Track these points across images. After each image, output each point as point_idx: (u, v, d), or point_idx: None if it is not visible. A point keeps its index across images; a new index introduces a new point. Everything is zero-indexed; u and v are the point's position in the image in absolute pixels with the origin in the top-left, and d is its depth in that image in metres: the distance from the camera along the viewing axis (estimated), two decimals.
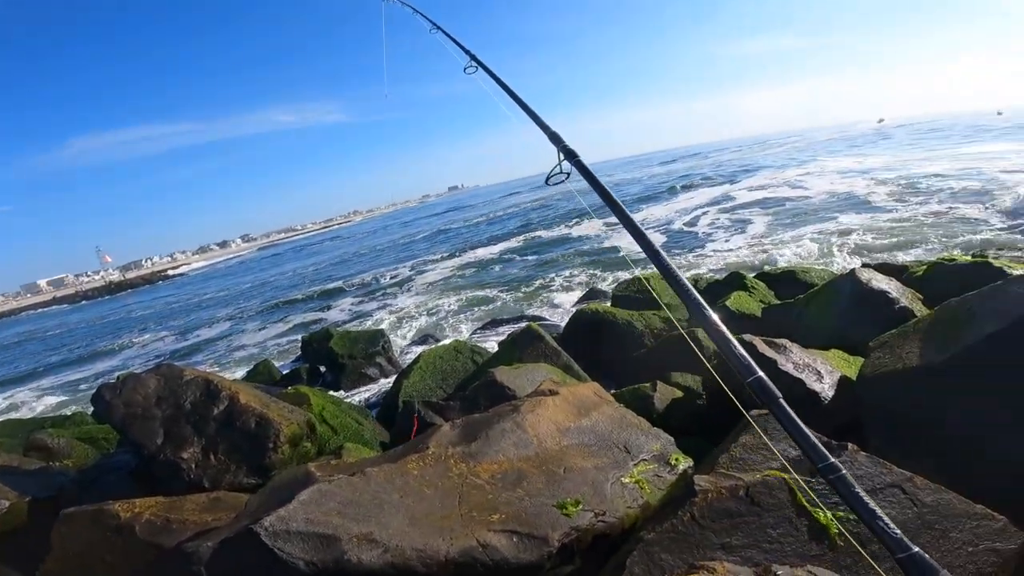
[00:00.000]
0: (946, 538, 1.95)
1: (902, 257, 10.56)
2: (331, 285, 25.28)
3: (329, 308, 19.36)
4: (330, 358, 8.92)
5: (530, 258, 20.19)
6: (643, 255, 1.60)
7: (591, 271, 15.55)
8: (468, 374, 6.74)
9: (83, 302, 65.36)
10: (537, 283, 15.48)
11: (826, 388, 3.98)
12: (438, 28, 3.36)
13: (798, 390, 3.97)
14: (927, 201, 15.82)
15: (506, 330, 10.16)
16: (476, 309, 13.76)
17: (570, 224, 26.51)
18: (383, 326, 13.20)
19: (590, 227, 24.52)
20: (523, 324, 7.98)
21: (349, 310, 18.13)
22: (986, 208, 13.49)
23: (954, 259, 6.15)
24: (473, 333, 10.78)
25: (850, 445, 2.20)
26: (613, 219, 1.72)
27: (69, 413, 8.90)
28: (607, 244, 18.42)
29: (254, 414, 4.15)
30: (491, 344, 8.65)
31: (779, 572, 1.67)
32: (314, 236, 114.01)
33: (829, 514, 1.97)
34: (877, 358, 3.63)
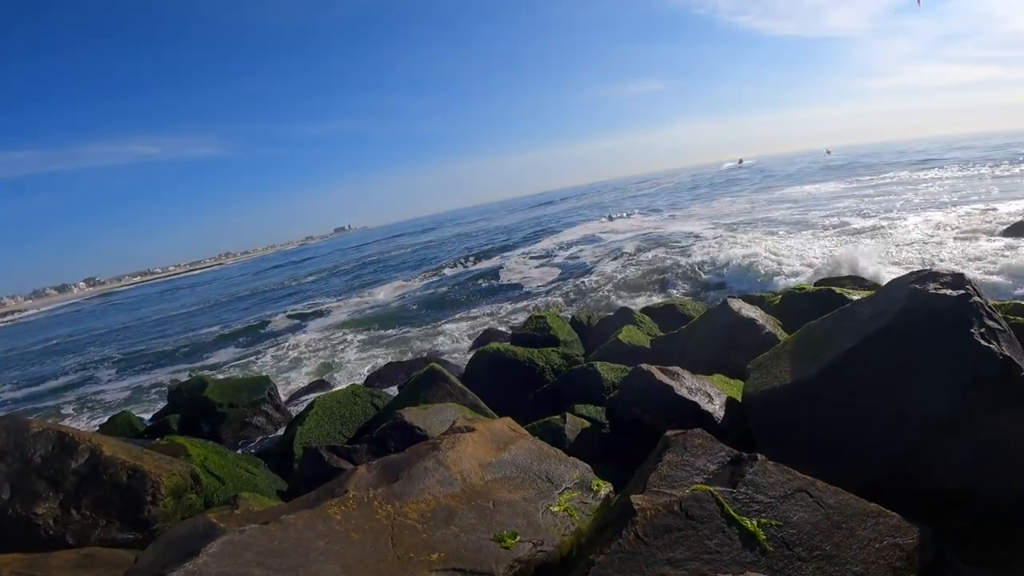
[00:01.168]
0: (854, 536, 2.17)
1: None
2: (200, 331, 22.88)
3: (199, 356, 17.48)
4: (206, 408, 8.02)
5: (422, 297, 19.95)
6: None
7: (487, 308, 15.73)
8: (369, 418, 6.43)
9: None
10: (433, 323, 15.30)
11: (717, 408, 4.36)
12: None
13: (693, 412, 4.32)
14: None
15: (402, 373, 9.88)
16: (370, 352, 13.23)
17: (465, 263, 26.73)
18: (265, 372, 12.18)
19: (488, 263, 24.95)
20: (422, 366, 7.84)
21: (224, 358, 16.50)
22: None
23: (803, 287, 7.13)
24: (369, 376, 10.33)
25: (760, 456, 2.43)
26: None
27: None
28: (504, 281, 18.80)
29: (124, 467, 3.63)
30: (390, 388, 8.34)
31: None
32: (177, 280, 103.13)
33: (754, 522, 2.14)
34: (756, 378, 4.05)
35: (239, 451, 6.40)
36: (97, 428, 8.91)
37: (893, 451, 2.90)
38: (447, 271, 25.34)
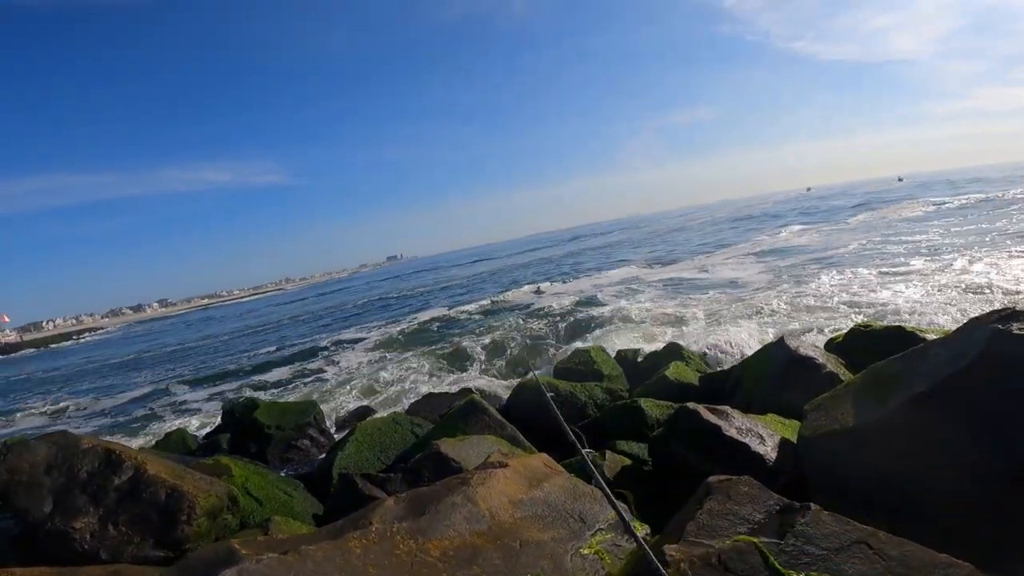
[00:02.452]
0: None
1: None
2: (259, 352, 23.85)
3: (255, 376, 18.14)
4: (254, 429, 8.23)
5: (468, 327, 20.03)
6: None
7: (532, 341, 15.59)
8: (408, 446, 6.39)
9: None
10: (476, 354, 15.28)
11: (769, 450, 4.07)
12: None
13: (743, 454, 4.03)
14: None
15: (444, 402, 9.85)
16: (414, 380, 13.31)
17: (506, 294, 26.75)
18: (314, 397, 12.44)
19: (525, 296, 24.86)
20: (464, 396, 7.78)
21: (278, 377, 17.08)
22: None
23: (869, 325, 6.65)
24: (411, 405, 10.36)
25: (813, 505, 2.20)
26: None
27: None
28: (549, 316, 18.59)
29: (164, 485, 3.71)
30: (431, 416, 8.30)
31: None
32: (242, 303, 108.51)
33: (803, 575, 1.92)
34: (814, 420, 3.75)
35: (282, 472, 6.46)
36: (154, 443, 9.29)
37: (969, 501, 2.58)
38: (490, 301, 25.36)
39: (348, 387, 13.61)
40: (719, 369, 8.04)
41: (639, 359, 9.59)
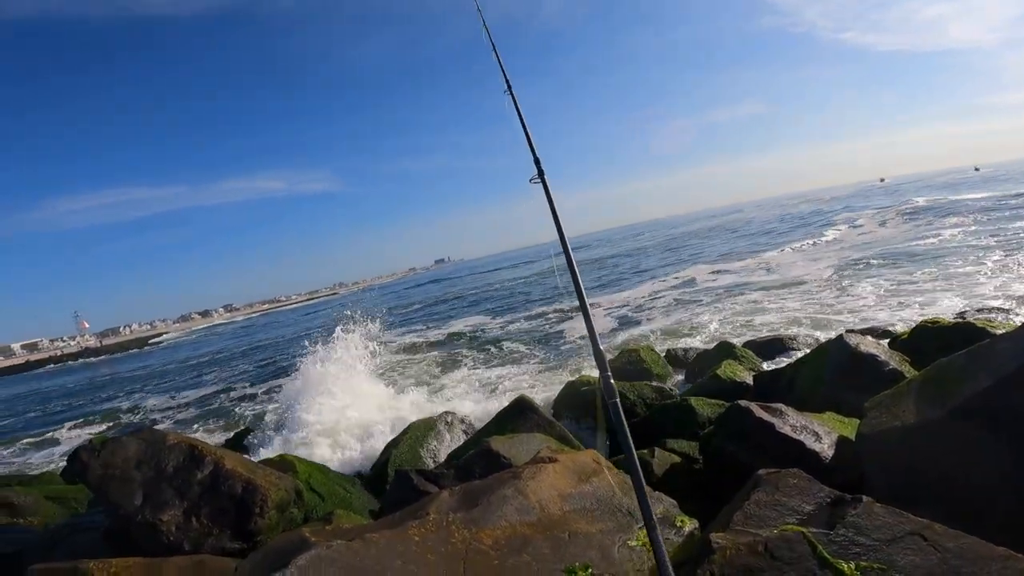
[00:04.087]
0: None
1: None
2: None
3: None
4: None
5: (518, 329, 20.18)
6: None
7: (581, 343, 15.56)
8: (459, 444, 6.58)
9: (69, 363, 62.98)
10: (525, 354, 15.40)
11: (825, 448, 3.97)
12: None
13: (796, 451, 3.96)
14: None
15: (493, 401, 10.01)
16: (465, 380, 13.56)
17: (550, 301, 26.72)
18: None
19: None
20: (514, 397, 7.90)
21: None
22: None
23: (937, 321, 6.33)
24: (460, 403, 10.58)
25: (865, 497, 2.18)
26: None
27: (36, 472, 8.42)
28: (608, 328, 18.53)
29: (240, 479, 3.99)
30: (482, 415, 8.47)
31: None
32: (300, 307, 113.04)
33: (852, 565, 1.92)
34: (874, 417, 3.65)
35: (342, 469, 6.78)
36: (224, 441, 9.89)
37: None
38: (543, 308, 25.37)
39: (399, 384, 14.02)
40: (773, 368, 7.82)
41: (688, 357, 9.45)
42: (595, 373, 9.27)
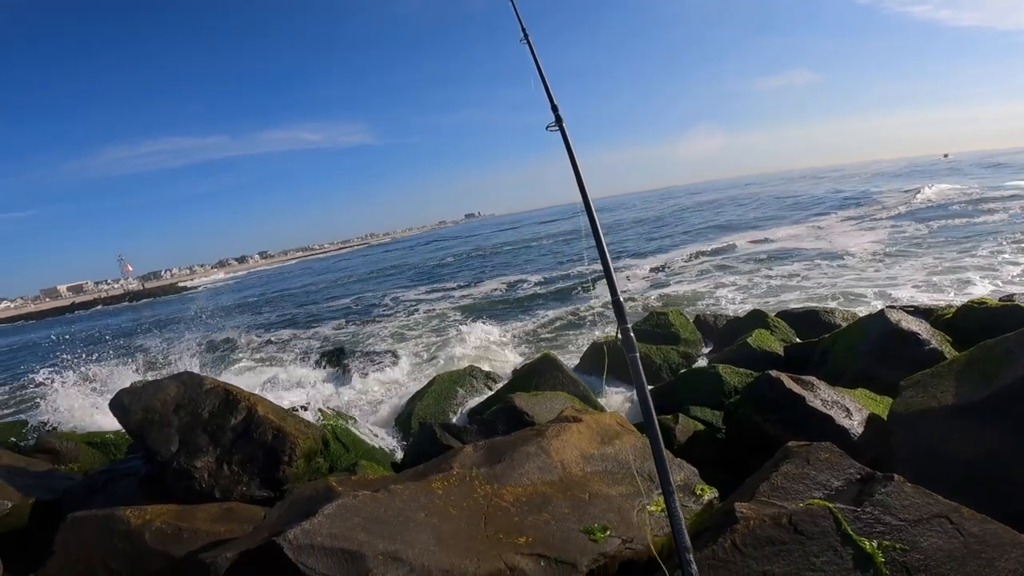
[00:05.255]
0: (992, 567, 1.88)
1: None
2: (346, 301, 25.62)
3: (346, 323, 19.50)
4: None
5: (546, 287, 20.17)
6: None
7: (605, 306, 15.48)
8: (483, 399, 6.68)
9: (102, 307, 65.83)
10: (553, 313, 15.42)
11: (855, 425, 3.89)
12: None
13: (825, 426, 3.88)
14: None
15: (520, 356, 10.12)
16: (490, 335, 13.71)
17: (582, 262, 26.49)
18: (398, 346, 13.18)
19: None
20: (539, 354, 7.95)
21: (365, 326, 18.23)
22: None
23: (984, 302, 6.05)
24: (488, 358, 10.73)
25: (896, 476, 2.13)
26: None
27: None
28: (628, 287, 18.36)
29: (271, 426, 4.12)
30: (506, 371, 8.57)
31: None
32: (333, 256, 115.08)
33: (874, 543, 1.90)
34: (910, 396, 3.55)
35: (367, 419, 6.98)
36: (257, 389, 10.29)
37: None
38: (574, 268, 25.18)
39: (428, 338, 14.27)
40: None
41: (719, 324, 9.29)
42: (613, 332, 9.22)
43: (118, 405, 4.33)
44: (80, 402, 7.98)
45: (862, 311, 8.64)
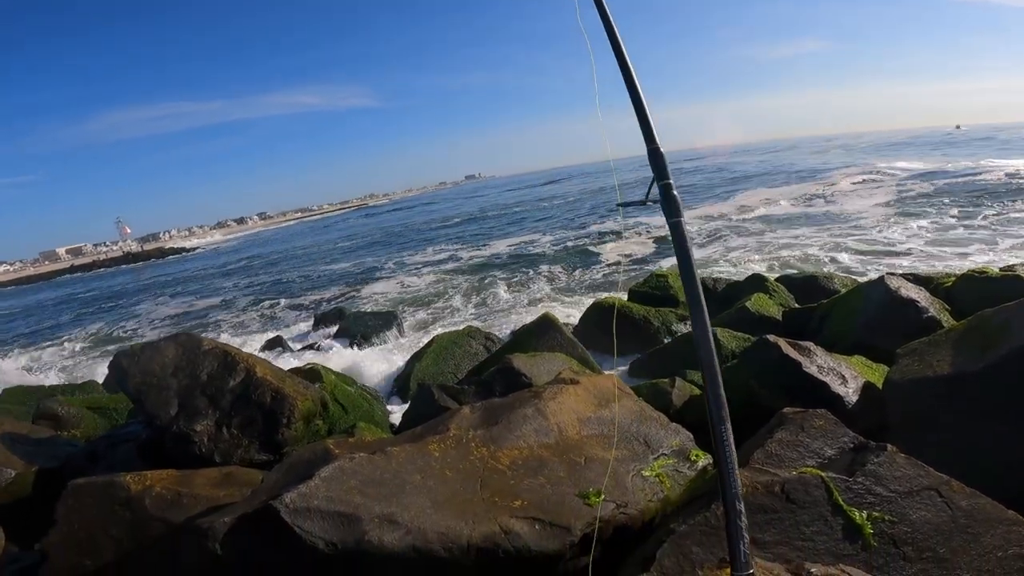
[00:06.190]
0: (977, 542, 1.92)
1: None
2: (346, 264, 25.58)
3: (346, 285, 19.56)
4: (343, 335, 8.99)
5: (546, 249, 20.12)
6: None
7: (609, 267, 15.46)
8: (481, 360, 6.72)
9: (101, 270, 65.75)
10: (552, 274, 15.42)
11: (850, 393, 3.92)
12: None
13: (820, 393, 3.91)
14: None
15: (519, 318, 10.15)
16: (490, 297, 13.74)
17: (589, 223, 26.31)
18: (398, 308, 13.22)
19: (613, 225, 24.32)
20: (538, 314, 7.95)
21: (365, 287, 18.30)
22: None
23: (985, 271, 6.01)
24: (487, 319, 10.77)
25: (889, 446, 2.15)
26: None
27: (80, 382, 8.90)
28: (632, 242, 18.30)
29: (270, 388, 4.14)
30: (505, 331, 8.62)
31: (813, 570, 1.63)
32: (331, 216, 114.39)
33: (864, 514, 1.94)
34: (906, 364, 3.55)
35: (367, 380, 7.04)
36: (258, 350, 10.36)
37: None
38: (591, 228, 24.94)
39: (427, 300, 14.31)
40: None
41: (718, 287, 9.27)
42: (622, 296, 9.25)
43: (117, 368, 4.31)
44: None
45: (863, 277, 8.62)
